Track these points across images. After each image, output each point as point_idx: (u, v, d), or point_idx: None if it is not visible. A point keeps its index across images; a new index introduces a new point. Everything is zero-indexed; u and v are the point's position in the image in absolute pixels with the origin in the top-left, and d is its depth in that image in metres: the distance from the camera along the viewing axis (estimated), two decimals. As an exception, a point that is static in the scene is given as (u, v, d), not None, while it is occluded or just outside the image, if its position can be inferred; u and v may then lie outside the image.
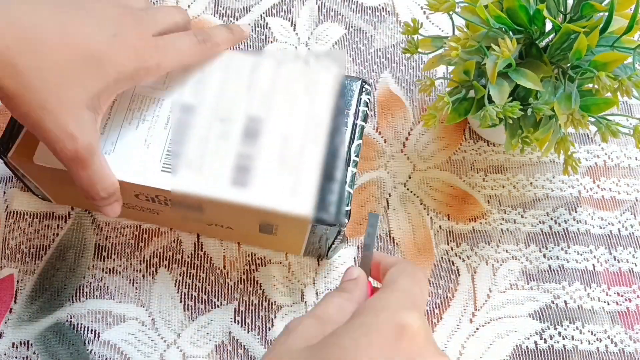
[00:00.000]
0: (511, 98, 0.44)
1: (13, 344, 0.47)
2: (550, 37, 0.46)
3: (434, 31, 0.59)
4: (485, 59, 0.43)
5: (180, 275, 0.50)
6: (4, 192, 0.52)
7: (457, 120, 0.47)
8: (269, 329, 0.49)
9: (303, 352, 0.31)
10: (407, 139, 0.55)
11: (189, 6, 0.59)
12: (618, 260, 0.52)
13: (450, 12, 0.44)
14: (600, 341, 0.50)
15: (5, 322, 0.48)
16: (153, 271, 0.50)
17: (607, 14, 0.42)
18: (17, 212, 0.51)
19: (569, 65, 0.45)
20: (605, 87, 0.42)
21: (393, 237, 0.52)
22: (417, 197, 0.54)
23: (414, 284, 0.34)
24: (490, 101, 0.44)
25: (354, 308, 0.34)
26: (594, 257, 0.53)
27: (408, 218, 0.53)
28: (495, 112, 0.43)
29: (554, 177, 0.55)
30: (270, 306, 0.50)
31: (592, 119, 0.45)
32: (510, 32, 0.45)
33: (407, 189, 0.54)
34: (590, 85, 0.45)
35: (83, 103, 0.36)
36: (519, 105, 0.43)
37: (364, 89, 0.45)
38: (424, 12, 0.60)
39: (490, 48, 0.43)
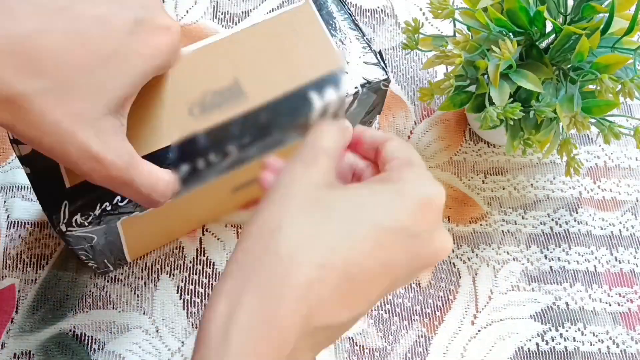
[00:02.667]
0: (512, 100, 0.44)
1: (15, 354, 0.47)
2: (551, 38, 0.46)
3: (434, 33, 0.59)
4: (487, 60, 0.43)
5: (182, 282, 0.50)
6: (5, 202, 0.51)
7: (450, 109, 0.47)
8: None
9: (321, 190, 0.30)
10: (409, 137, 0.55)
11: (187, 11, 0.58)
12: (619, 261, 0.53)
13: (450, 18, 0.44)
14: (602, 342, 0.50)
15: (7, 332, 0.48)
16: (155, 278, 0.50)
17: (607, 15, 0.42)
18: (17, 221, 0.51)
19: (569, 66, 0.45)
20: (608, 89, 0.42)
21: (394, 240, 0.52)
22: (418, 198, 0.54)
23: (421, 160, 0.35)
24: (491, 102, 0.44)
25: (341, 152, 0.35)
26: (595, 258, 0.53)
27: (408, 219, 0.53)
28: (496, 113, 0.43)
29: (554, 178, 0.55)
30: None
31: (593, 120, 0.45)
32: (511, 34, 0.45)
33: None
34: (592, 87, 0.46)
35: (105, 110, 0.32)
36: (519, 106, 0.43)
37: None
38: (424, 14, 0.60)
39: (491, 49, 0.43)
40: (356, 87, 0.43)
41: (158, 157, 0.40)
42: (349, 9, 0.45)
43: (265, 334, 0.27)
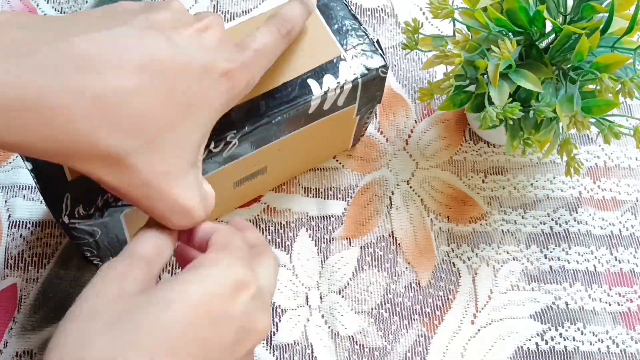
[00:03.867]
0: (511, 99, 0.44)
1: (17, 353, 0.47)
2: (550, 38, 0.46)
3: (434, 33, 0.59)
4: (486, 60, 0.44)
5: (183, 281, 0.50)
6: (6, 201, 0.51)
7: (450, 109, 0.47)
8: (274, 333, 0.49)
9: (131, 299, 0.29)
10: (409, 136, 0.56)
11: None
12: (619, 260, 0.53)
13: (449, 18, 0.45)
14: (601, 342, 0.50)
15: (9, 332, 0.48)
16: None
17: (607, 14, 0.42)
18: (19, 220, 0.51)
19: (569, 66, 0.45)
20: (608, 89, 0.42)
21: (395, 238, 0.52)
22: (419, 196, 0.54)
23: (244, 244, 0.34)
24: (490, 102, 0.44)
25: (170, 252, 0.34)
26: (595, 257, 0.53)
27: (410, 218, 0.53)
28: (496, 113, 0.43)
29: (554, 178, 0.55)
30: (274, 310, 0.50)
31: (593, 120, 0.45)
32: (510, 34, 0.45)
33: (410, 187, 0.54)
34: (592, 87, 0.46)
35: (188, 164, 0.33)
36: (519, 106, 0.43)
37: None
38: (424, 13, 0.60)
39: (490, 49, 0.43)
40: (355, 74, 0.43)
41: None
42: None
43: None
